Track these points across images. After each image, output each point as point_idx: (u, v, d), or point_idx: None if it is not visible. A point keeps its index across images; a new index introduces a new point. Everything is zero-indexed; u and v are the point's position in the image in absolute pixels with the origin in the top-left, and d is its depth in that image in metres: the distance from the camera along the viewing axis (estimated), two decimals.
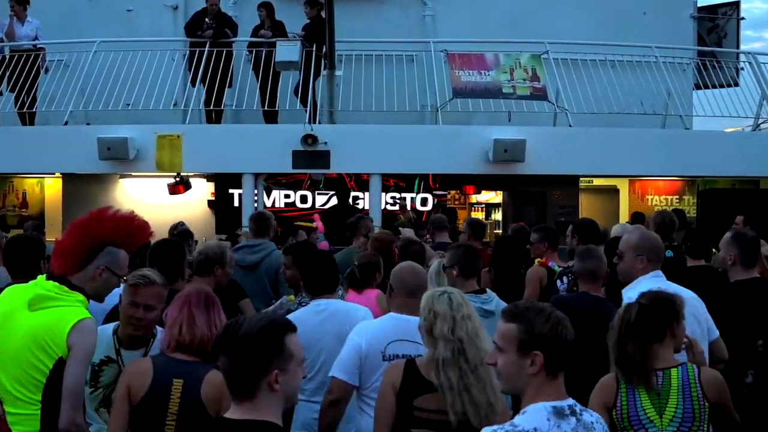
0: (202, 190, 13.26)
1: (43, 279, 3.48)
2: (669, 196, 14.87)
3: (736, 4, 14.66)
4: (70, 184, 13.00)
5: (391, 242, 6.91)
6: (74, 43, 11.70)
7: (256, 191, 11.21)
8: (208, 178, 13.18)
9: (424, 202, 13.59)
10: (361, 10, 12.51)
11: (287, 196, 13.51)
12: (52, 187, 13.75)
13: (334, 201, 13.09)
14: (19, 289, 3.52)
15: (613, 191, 14.82)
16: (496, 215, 16.28)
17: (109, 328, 3.79)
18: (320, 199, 13.48)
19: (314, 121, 10.73)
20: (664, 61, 11.68)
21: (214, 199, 13.34)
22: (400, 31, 12.55)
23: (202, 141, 10.91)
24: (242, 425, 2.27)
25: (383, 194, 11.65)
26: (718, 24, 14.56)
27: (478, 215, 16.17)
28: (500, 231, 14.93)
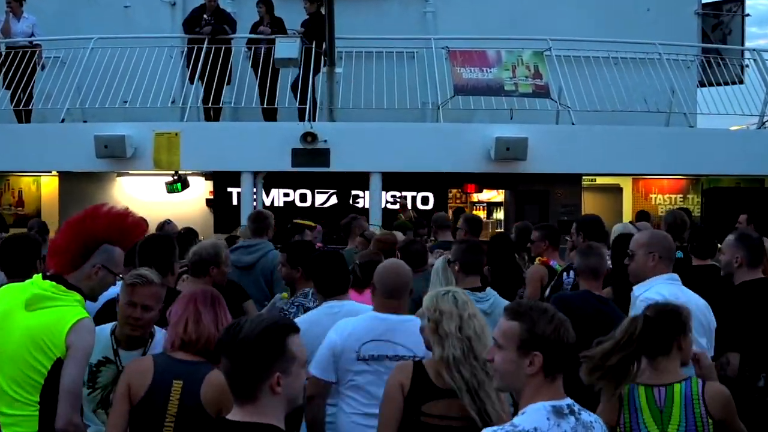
0: (201, 189, 13.25)
1: (40, 278, 3.46)
2: (673, 195, 14.86)
3: (741, 1, 14.66)
4: (66, 182, 12.99)
5: (394, 243, 6.91)
6: (71, 40, 11.69)
7: (255, 190, 11.20)
8: (207, 176, 13.17)
9: (426, 200, 13.56)
10: (361, 7, 12.49)
11: (286, 195, 13.49)
12: (49, 185, 13.74)
13: (333, 200, 13.09)
14: (16, 288, 3.51)
15: (617, 190, 14.81)
16: (498, 214, 16.26)
17: (107, 329, 3.78)
18: (320, 198, 13.46)
19: (314, 119, 10.72)
20: (668, 59, 11.68)
21: (212, 197, 13.32)
22: (400, 28, 12.53)
23: (200, 139, 10.92)
24: (244, 428, 2.26)
25: (383, 193, 11.64)
26: (723, 21, 14.55)
27: (480, 214, 16.14)
28: (502, 230, 14.92)
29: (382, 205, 11.44)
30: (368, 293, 5.22)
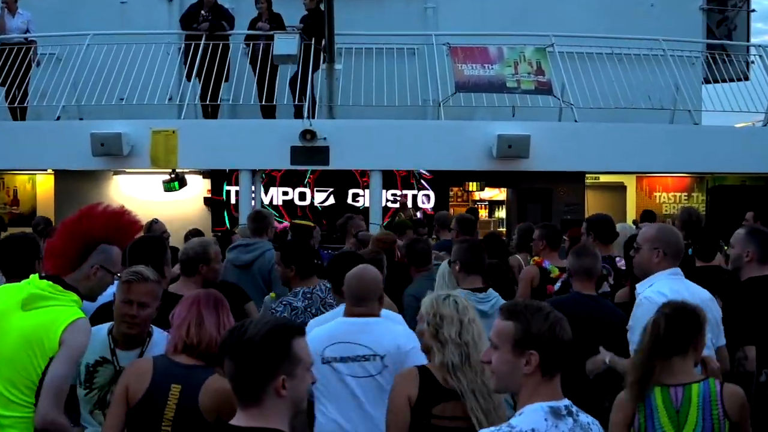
0: (198, 187, 13.26)
1: (36, 278, 3.47)
2: (677, 193, 14.87)
3: None
4: (62, 180, 13.00)
5: (393, 242, 6.93)
6: (67, 36, 11.69)
7: (253, 188, 11.21)
8: (204, 174, 13.17)
9: (426, 199, 13.57)
10: (362, 2, 12.48)
11: (285, 194, 13.50)
12: (44, 183, 13.75)
13: (331, 199, 13.10)
14: (12, 288, 3.51)
15: (620, 188, 14.82)
16: (500, 213, 16.28)
17: (104, 329, 3.77)
18: (319, 197, 13.47)
19: (313, 116, 10.73)
20: (672, 55, 11.69)
21: (210, 196, 13.34)
22: (401, 24, 12.54)
23: (197, 136, 10.91)
24: None
25: (383, 191, 11.64)
26: (728, 16, 14.55)
27: (482, 213, 16.16)
28: (504, 229, 14.94)
29: (382, 204, 11.45)
30: None
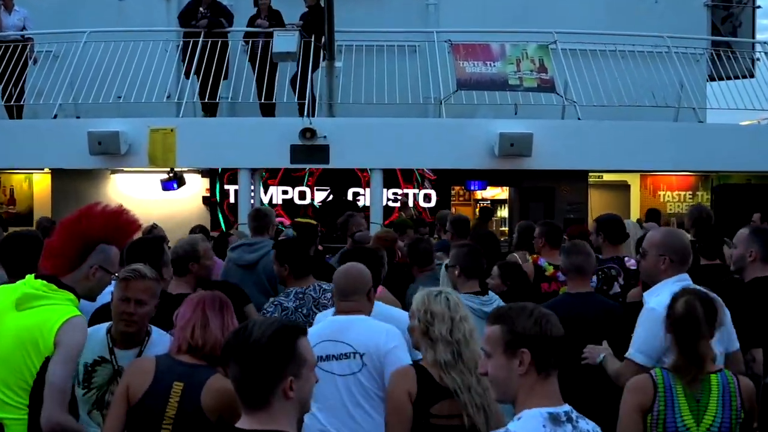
0: (197, 186, 13.27)
1: (31, 278, 3.47)
2: (682, 192, 14.89)
3: None
4: (59, 180, 13.02)
5: (394, 241, 6.94)
6: (64, 34, 11.70)
7: (252, 187, 11.23)
8: (203, 173, 13.19)
9: (427, 198, 13.59)
10: None
11: (285, 192, 13.53)
12: (41, 183, 13.78)
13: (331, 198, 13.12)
14: (6, 289, 3.52)
15: (624, 187, 14.84)
16: (502, 212, 16.30)
17: (103, 328, 3.78)
18: (319, 196, 13.50)
19: (313, 115, 10.74)
20: (677, 52, 11.68)
21: (208, 195, 13.36)
22: (402, 21, 12.55)
23: (196, 135, 10.92)
24: None
25: (384, 190, 11.66)
26: (733, 13, 14.55)
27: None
28: (506, 228, 14.97)
29: (383, 203, 11.47)
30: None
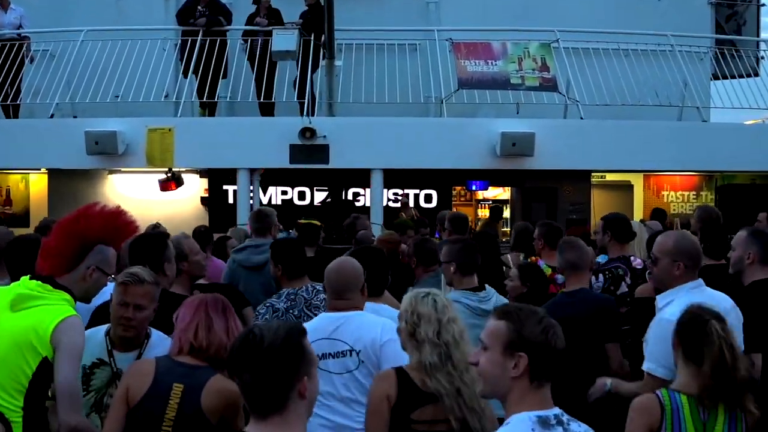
0: (195, 187, 13.28)
1: (27, 279, 3.49)
2: (686, 192, 14.89)
3: None
4: (56, 180, 13.03)
5: (398, 243, 6.94)
6: (60, 32, 11.71)
7: (251, 187, 11.24)
8: (201, 173, 13.20)
9: (429, 198, 13.59)
10: None
11: (284, 193, 13.53)
12: (38, 183, 13.78)
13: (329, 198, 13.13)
14: (1, 290, 3.53)
15: (627, 187, 14.84)
16: (505, 212, 16.29)
17: (101, 330, 3.79)
18: (319, 196, 13.50)
19: (312, 114, 10.75)
20: (681, 50, 11.70)
21: (207, 195, 13.36)
22: (402, 19, 12.55)
23: (194, 135, 10.94)
24: None
25: (384, 190, 11.67)
26: (737, 11, 14.56)
27: (486, 212, 16.19)
28: (508, 228, 14.96)
29: (384, 203, 11.48)
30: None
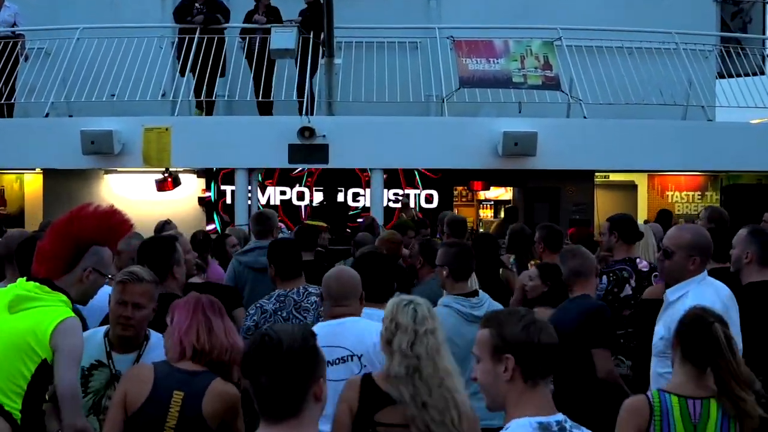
0: (192, 187, 13.29)
1: (23, 281, 3.50)
2: (690, 192, 14.90)
3: None
4: (51, 180, 13.02)
5: (400, 243, 6.93)
6: (55, 30, 11.70)
7: (249, 187, 11.24)
8: (199, 173, 13.20)
9: (429, 199, 13.60)
10: None
11: (283, 193, 13.55)
12: (32, 183, 13.79)
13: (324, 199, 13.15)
14: None
15: (631, 187, 14.85)
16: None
17: (100, 332, 3.80)
18: (318, 196, 13.51)
19: (311, 113, 10.75)
20: (685, 48, 11.70)
21: (204, 195, 13.37)
22: (402, 17, 12.55)
23: (192, 134, 10.94)
24: None
25: (385, 190, 11.67)
26: (743, 9, 14.57)
27: (487, 213, 16.20)
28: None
29: (384, 204, 11.48)
30: None
